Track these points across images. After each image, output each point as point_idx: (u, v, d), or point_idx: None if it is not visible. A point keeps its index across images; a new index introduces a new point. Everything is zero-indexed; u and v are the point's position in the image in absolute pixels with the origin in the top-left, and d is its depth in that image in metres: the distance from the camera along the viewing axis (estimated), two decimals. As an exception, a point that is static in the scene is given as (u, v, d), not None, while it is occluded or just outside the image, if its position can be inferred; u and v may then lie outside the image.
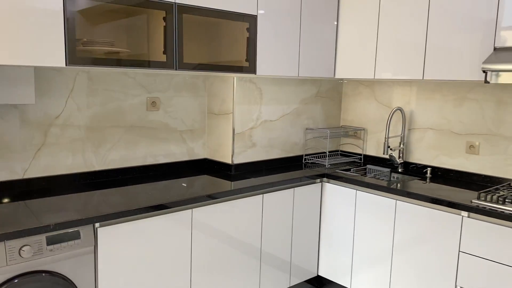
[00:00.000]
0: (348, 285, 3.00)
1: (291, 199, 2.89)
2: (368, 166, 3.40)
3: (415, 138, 3.22)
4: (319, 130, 3.49)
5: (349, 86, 3.62)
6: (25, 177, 2.36)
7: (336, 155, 3.68)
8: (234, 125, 2.94)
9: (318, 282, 3.23)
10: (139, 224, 2.16)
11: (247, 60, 2.68)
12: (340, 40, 3.21)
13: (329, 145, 3.62)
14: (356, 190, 2.88)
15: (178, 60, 2.34)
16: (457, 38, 2.60)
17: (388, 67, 2.95)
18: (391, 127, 3.33)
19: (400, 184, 2.79)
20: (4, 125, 2.27)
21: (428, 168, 3.10)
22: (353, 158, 3.56)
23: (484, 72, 2.37)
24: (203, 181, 2.69)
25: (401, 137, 3.24)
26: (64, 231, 1.92)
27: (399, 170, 3.25)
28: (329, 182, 3.05)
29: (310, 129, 3.46)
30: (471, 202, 2.38)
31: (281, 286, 2.93)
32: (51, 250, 1.90)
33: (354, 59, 3.14)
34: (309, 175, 2.96)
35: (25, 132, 2.33)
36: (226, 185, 2.60)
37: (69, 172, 2.51)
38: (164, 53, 2.30)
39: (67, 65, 1.96)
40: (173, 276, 2.33)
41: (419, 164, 3.20)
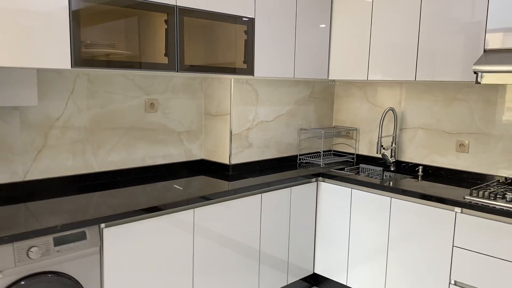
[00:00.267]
0: (344, 282, 3.07)
1: (288, 198, 2.94)
2: (361, 165, 3.48)
3: (407, 138, 3.31)
4: (313, 131, 3.56)
5: (341, 87, 3.69)
6: (26, 179, 2.36)
7: (329, 155, 3.75)
8: (232, 126, 2.99)
9: (314, 280, 3.29)
10: (143, 225, 2.18)
11: (245, 62, 2.72)
12: (333, 43, 3.28)
13: (323, 145, 3.69)
14: (352, 189, 2.95)
15: (180, 62, 2.38)
16: (448, 41, 2.69)
17: (381, 69, 3.03)
18: (383, 127, 3.42)
19: (393, 182, 2.87)
20: (5, 127, 2.27)
21: (420, 167, 3.19)
22: (346, 158, 3.64)
23: (475, 73, 2.46)
24: (203, 182, 2.72)
25: (393, 137, 3.33)
26: (71, 232, 1.94)
27: (391, 169, 3.34)
28: (324, 181, 3.12)
29: (304, 130, 3.52)
30: (464, 199, 2.47)
31: (279, 285, 2.98)
32: (58, 251, 1.91)
33: (347, 61, 3.22)
34: (306, 175, 3.02)
35: (26, 134, 2.34)
36: (226, 185, 2.64)
37: (70, 174, 2.52)
38: (166, 55, 2.33)
39: (73, 67, 1.98)
40: (176, 276, 2.36)
41: (411, 163, 3.29)
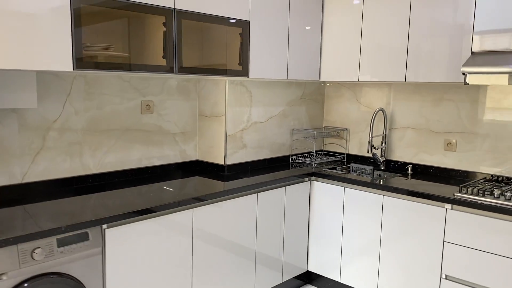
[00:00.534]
0: (338, 278, 3.14)
1: (283, 198, 3.00)
2: (352, 165, 3.56)
3: (396, 137, 3.40)
4: (305, 131, 3.62)
5: (331, 88, 3.77)
6: (24, 182, 2.36)
7: (320, 155, 3.82)
8: (227, 127, 3.03)
9: (307, 277, 3.36)
10: (144, 225, 2.21)
11: (240, 64, 2.77)
12: (324, 45, 3.35)
13: (314, 145, 3.75)
14: (344, 187, 3.02)
15: (178, 65, 2.41)
16: (437, 43, 2.78)
17: (372, 71, 3.11)
18: (373, 127, 3.50)
19: (384, 181, 2.95)
20: (3, 130, 2.27)
21: (409, 165, 3.28)
22: (337, 157, 3.72)
23: (464, 75, 2.55)
24: (199, 182, 2.75)
25: (383, 136, 3.42)
26: (74, 233, 1.95)
27: (381, 168, 3.42)
28: (317, 181, 3.18)
29: (296, 130, 3.58)
30: (454, 195, 2.56)
31: (274, 283, 3.03)
32: (62, 252, 1.92)
33: (338, 63, 3.29)
34: (299, 174, 3.08)
35: (24, 136, 2.34)
36: (223, 186, 2.68)
37: (67, 176, 2.52)
38: (164, 58, 2.36)
39: (74, 70, 1.99)
40: (176, 276, 2.39)
41: (400, 162, 3.38)
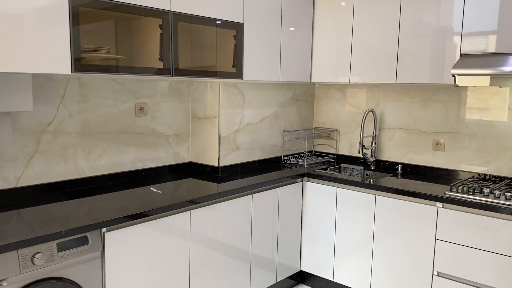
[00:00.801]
0: (331, 278, 3.18)
1: (277, 199, 3.02)
2: (342, 165, 3.61)
3: (386, 137, 3.46)
4: (296, 132, 3.66)
5: (321, 90, 3.81)
6: (19, 186, 2.33)
7: (311, 155, 3.86)
8: (220, 129, 3.04)
9: (300, 277, 3.39)
10: (142, 228, 2.20)
11: (234, 66, 2.78)
12: (315, 47, 3.39)
13: (304, 146, 3.79)
14: (337, 187, 3.06)
15: (174, 67, 2.41)
16: (427, 45, 2.85)
17: (363, 72, 3.16)
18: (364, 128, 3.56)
19: (375, 181, 3.00)
20: (-3, 133, 2.23)
21: (399, 165, 3.35)
22: (327, 158, 3.76)
23: (453, 76, 2.62)
24: (194, 184, 2.76)
25: (373, 137, 3.47)
26: (74, 237, 1.94)
27: (372, 168, 3.48)
28: (309, 181, 3.22)
29: (288, 131, 3.61)
30: (445, 194, 2.63)
31: (268, 284, 3.05)
32: (62, 257, 1.90)
33: (329, 65, 3.34)
34: (293, 175, 3.11)
35: (18, 140, 2.30)
36: (218, 187, 2.68)
37: (62, 179, 2.49)
38: (160, 60, 2.36)
39: (73, 72, 1.98)
40: (174, 278, 2.39)
41: (390, 162, 3.44)
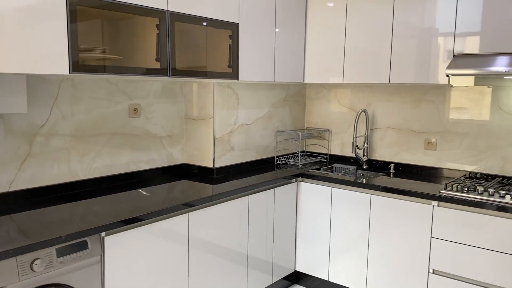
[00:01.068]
0: (326, 277, 3.18)
1: (272, 200, 3.01)
2: (335, 165, 3.62)
3: (377, 137, 3.49)
4: (289, 132, 3.66)
5: (312, 90, 3.82)
6: (11, 190, 2.26)
7: (303, 156, 3.86)
8: (215, 130, 3.01)
9: (295, 277, 3.39)
10: (141, 231, 2.16)
11: (230, 66, 2.76)
12: (308, 48, 3.40)
13: (296, 147, 3.79)
14: (332, 187, 3.07)
15: (171, 67, 2.38)
16: (420, 46, 2.88)
17: (356, 73, 3.18)
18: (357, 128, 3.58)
19: (368, 180, 3.02)
20: (-11, 136, 2.16)
21: (391, 164, 3.38)
22: (320, 158, 3.77)
23: (448, 76, 2.66)
24: (191, 186, 2.73)
25: (365, 137, 3.50)
26: (73, 242, 1.89)
27: (364, 167, 3.51)
28: (304, 181, 3.22)
29: (281, 132, 3.61)
30: (440, 193, 2.66)
31: (264, 285, 3.04)
32: (62, 262, 1.85)
33: (321, 65, 3.35)
34: (288, 175, 3.10)
35: (10, 143, 2.23)
36: (215, 189, 2.66)
37: (55, 183, 2.43)
38: (158, 60, 2.32)
39: (71, 73, 1.93)
40: (172, 280, 2.35)
41: (382, 161, 3.47)
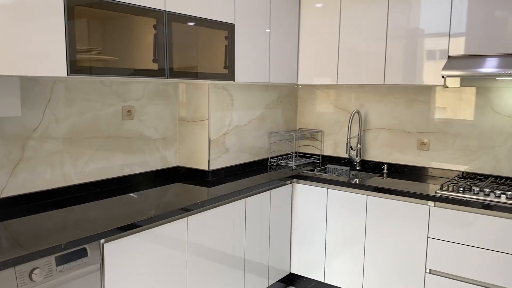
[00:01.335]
0: (322, 279, 3.18)
1: (268, 202, 2.99)
2: (328, 166, 3.62)
3: (370, 138, 3.50)
4: (282, 134, 3.64)
5: (305, 91, 3.81)
6: (3, 196, 2.17)
7: (296, 157, 3.85)
8: (210, 132, 2.97)
9: (290, 280, 3.37)
10: (140, 237, 2.11)
11: (226, 67, 2.73)
12: (301, 49, 3.38)
13: (289, 148, 3.78)
14: (328, 189, 3.06)
15: (169, 69, 2.33)
16: (414, 48, 2.90)
17: (350, 74, 3.18)
18: (347, 129, 3.58)
19: (364, 181, 3.03)
20: (-21, 141, 2.07)
21: (385, 165, 3.39)
22: (312, 159, 3.76)
23: (443, 78, 2.68)
24: (187, 189, 2.68)
25: (358, 137, 3.51)
26: (73, 250, 1.83)
27: (357, 168, 3.51)
28: (299, 183, 3.20)
29: (274, 133, 3.59)
30: (436, 193, 2.68)
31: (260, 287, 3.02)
32: (61, 271, 1.79)
33: (315, 67, 3.34)
34: (283, 177, 3.08)
35: (2, 147, 2.15)
36: (211, 192, 2.62)
37: (48, 188, 2.35)
38: (155, 62, 2.27)
39: (69, 75, 1.86)
40: (172, 285, 2.30)
41: (375, 161, 3.49)
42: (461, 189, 2.65)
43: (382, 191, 2.84)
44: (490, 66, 2.57)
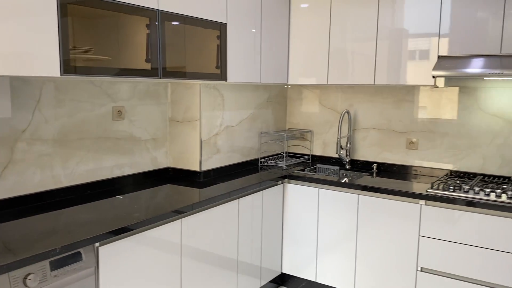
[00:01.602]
0: (313, 278, 3.18)
1: (260, 202, 2.98)
2: (318, 165, 3.63)
3: (359, 137, 3.53)
4: (272, 134, 3.63)
5: (294, 91, 3.82)
6: (-8, 200, 2.11)
7: (285, 157, 3.84)
8: (201, 132, 2.94)
9: (281, 280, 3.37)
10: (134, 240, 2.07)
11: (218, 67, 2.71)
12: (291, 49, 3.39)
13: (279, 148, 3.77)
14: (319, 188, 3.07)
15: (162, 68, 2.29)
16: (405, 48, 2.92)
17: (340, 74, 3.19)
18: (336, 129, 3.60)
19: (355, 180, 3.04)
20: (-33, 143, 2.01)
21: (374, 164, 3.42)
22: (302, 159, 3.77)
23: (434, 78, 2.71)
24: (179, 191, 2.65)
25: (348, 137, 3.53)
26: (67, 254, 1.78)
27: (347, 167, 3.53)
28: (290, 183, 3.20)
29: (264, 133, 3.58)
30: (427, 192, 2.72)
31: None
32: (55, 276, 1.75)
33: (305, 67, 3.34)
34: (275, 177, 3.07)
35: (-10, 149, 2.09)
36: (204, 193, 2.60)
37: (38, 191, 2.30)
38: (148, 61, 2.23)
39: (62, 75, 1.82)
40: (166, 287, 2.28)
41: (364, 161, 3.51)
42: (451, 188, 2.69)
43: (374, 190, 2.86)
44: (479, 67, 2.61)
